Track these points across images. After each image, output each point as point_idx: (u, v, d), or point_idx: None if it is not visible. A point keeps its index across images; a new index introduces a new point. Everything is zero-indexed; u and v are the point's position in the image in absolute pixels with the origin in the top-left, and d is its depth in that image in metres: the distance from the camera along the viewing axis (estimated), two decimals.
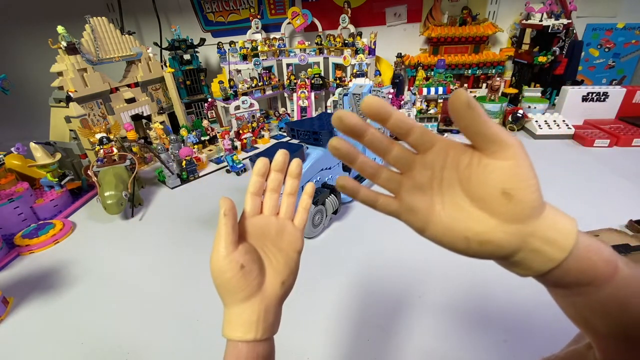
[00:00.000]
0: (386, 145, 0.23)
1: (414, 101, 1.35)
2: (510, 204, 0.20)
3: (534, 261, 0.21)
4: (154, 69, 1.30)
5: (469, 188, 0.21)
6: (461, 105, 0.20)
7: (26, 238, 0.80)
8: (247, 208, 0.31)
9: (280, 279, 0.29)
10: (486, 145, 0.20)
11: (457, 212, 0.22)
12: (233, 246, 0.27)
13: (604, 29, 1.43)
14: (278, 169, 0.31)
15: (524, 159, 0.20)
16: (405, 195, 0.24)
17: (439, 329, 0.52)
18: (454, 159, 0.22)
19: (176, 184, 1.04)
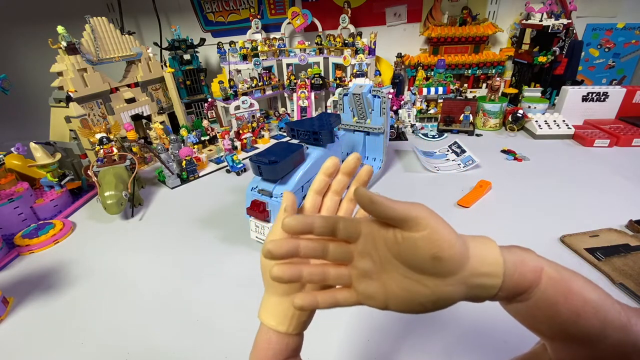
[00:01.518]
0: (321, 249, 0.26)
1: (414, 101, 1.35)
2: (442, 264, 0.22)
3: (481, 293, 0.24)
4: (154, 69, 1.30)
5: (404, 260, 0.23)
6: (365, 202, 0.23)
7: (26, 238, 0.80)
8: (307, 204, 0.31)
9: None
10: (401, 224, 0.23)
11: (406, 283, 0.24)
12: None
13: (604, 29, 1.43)
14: (346, 172, 0.31)
15: (436, 223, 0.22)
16: (358, 285, 0.26)
17: (439, 329, 0.52)
18: (380, 240, 0.24)
19: (176, 184, 1.04)
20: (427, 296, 0.24)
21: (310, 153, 0.74)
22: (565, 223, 0.71)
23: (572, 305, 0.23)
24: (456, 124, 1.27)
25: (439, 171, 1.00)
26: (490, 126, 1.27)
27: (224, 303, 0.60)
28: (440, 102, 1.29)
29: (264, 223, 0.70)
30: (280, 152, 0.68)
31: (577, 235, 0.68)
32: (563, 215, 0.75)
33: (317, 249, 0.25)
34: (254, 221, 0.71)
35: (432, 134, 1.26)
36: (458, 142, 1.08)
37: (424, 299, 0.24)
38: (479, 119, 1.28)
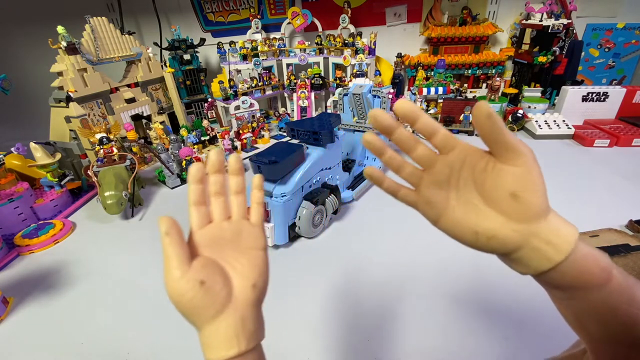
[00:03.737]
0: (412, 144, 0.26)
1: (414, 101, 1.35)
2: (518, 205, 0.22)
3: (533, 260, 0.23)
4: (154, 69, 1.30)
5: (482, 189, 0.24)
6: (481, 115, 0.22)
7: (26, 238, 0.80)
8: (193, 221, 0.28)
9: (249, 283, 0.26)
10: (501, 152, 0.22)
11: (469, 209, 0.24)
12: (186, 265, 0.24)
13: (604, 29, 1.43)
14: (215, 170, 0.28)
15: (534, 167, 0.22)
16: (424, 189, 0.26)
17: (439, 329, 0.52)
18: (471, 162, 0.24)
19: (176, 184, 1.04)
20: (485, 229, 0.23)
21: (310, 153, 0.74)
22: None
23: (633, 313, 0.22)
24: (456, 124, 1.27)
25: None
26: None
27: None
28: (440, 102, 1.29)
29: (264, 223, 0.70)
30: (280, 152, 0.68)
31: None
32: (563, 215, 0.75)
33: (410, 139, 0.26)
34: None
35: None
36: None
37: (481, 230, 0.24)
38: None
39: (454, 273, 0.63)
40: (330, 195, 0.77)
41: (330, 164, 0.79)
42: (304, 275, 0.66)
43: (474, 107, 0.23)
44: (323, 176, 0.78)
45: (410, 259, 0.67)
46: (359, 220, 0.82)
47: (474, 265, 0.64)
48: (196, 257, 0.26)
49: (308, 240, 0.75)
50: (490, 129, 0.22)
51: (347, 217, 0.83)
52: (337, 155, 0.82)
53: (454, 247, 0.72)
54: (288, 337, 0.53)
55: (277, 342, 0.53)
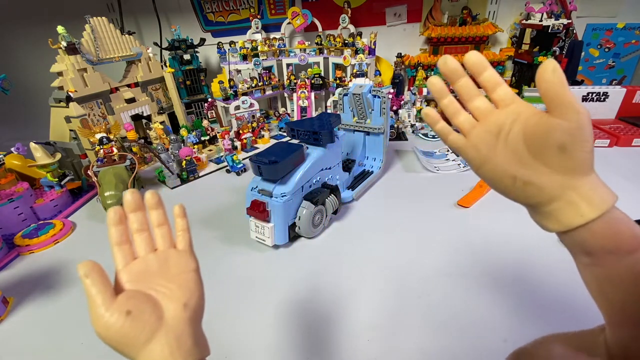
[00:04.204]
0: (474, 94, 0.29)
1: (414, 101, 1.35)
2: (563, 157, 0.23)
3: (566, 214, 0.24)
4: (154, 69, 1.30)
5: (531, 140, 0.25)
6: (547, 69, 0.23)
7: (26, 238, 0.80)
8: (117, 261, 0.29)
9: (180, 303, 0.27)
10: (558, 107, 0.23)
11: (513, 157, 0.26)
12: (110, 300, 0.25)
13: (604, 29, 1.43)
14: (132, 209, 0.30)
15: (586, 125, 0.23)
16: (475, 137, 0.28)
17: (439, 329, 0.52)
18: (525, 117, 0.26)
19: (176, 184, 1.04)
20: (524, 175, 0.25)
21: (310, 153, 0.74)
22: None
23: None
24: None
25: (439, 171, 1.00)
26: None
27: (223, 303, 0.60)
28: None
29: (264, 223, 0.70)
30: (280, 152, 0.68)
31: None
32: None
33: (473, 89, 0.29)
34: (254, 221, 0.71)
35: (432, 134, 1.25)
36: None
37: (520, 175, 0.25)
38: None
39: (454, 273, 0.63)
40: (330, 195, 0.77)
41: (330, 164, 0.79)
42: (303, 275, 0.66)
43: (542, 63, 0.24)
44: (323, 176, 0.78)
45: (410, 259, 0.67)
46: (359, 220, 0.82)
47: (475, 265, 0.64)
48: (121, 293, 0.27)
49: (308, 240, 0.75)
50: (554, 83, 0.23)
51: (347, 217, 0.83)
52: (337, 155, 0.82)
53: (453, 247, 0.72)
54: (288, 336, 0.53)
55: (277, 342, 0.53)
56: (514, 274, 0.61)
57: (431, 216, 0.80)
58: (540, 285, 0.58)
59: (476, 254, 0.67)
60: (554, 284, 0.58)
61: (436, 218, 0.79)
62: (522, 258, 0.65)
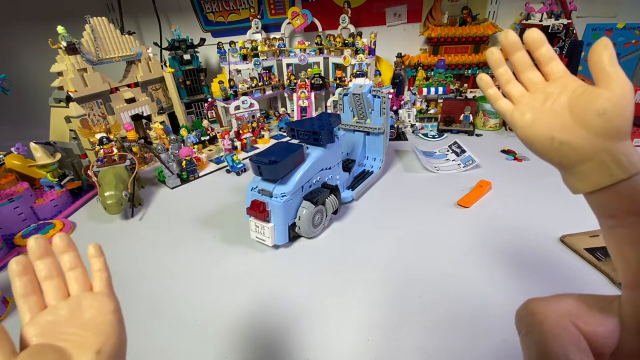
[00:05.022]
0: (527, 66, 0.31)
1: (414, 101, 1.35)
2: (602, 120, 0.25)
3: (596, 174, 0.26)
4: (154, 69, 1.30)
5: (574, 106, 0.27)
6: (600, 43, 0.25)
7: (26, 238, 0.80)
8: (22, 314, 0.27)
9: (92, 352, 0.25)
10: (605, 79, 0.25)
11: (555, 119, 0.28)
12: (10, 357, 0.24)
13: (604, 29, 1.43)
14: (37, 257, 0.28)
15: (629, 97, 0.25)
16: (523, 104, 0.31)
17: (439, 329, 0.52)
18: (572, 88, 0.28)
19: (176, 184, 1.04)
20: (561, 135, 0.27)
21: (310, 153, 0.74)
22: (565, 223, 0.71)
23: None
24: (456, 124, 1.27)
25: (439, 171, 1.00)
26: (490, 126, 1.27)
27: (224, 303, 0.60)
28: (440, 102, 1.29)
29: (264, 223, 0.70)
30: (280, 152, 0.68)
31: (577, 235, 0.68)
32: (563, 215, 0.75)
33: (526, 61, 0.31)
34: (254, 221, 0.71)
35: (432, 134, 1.25)
36: (458, 142, 1.08)
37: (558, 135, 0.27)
38: (479, 119, 1.28)
39: (454, 273, 0.63)
40: (330, 195, 0.77)
41: (330, 164, 0.79)
42: (303, 275, 0.66)
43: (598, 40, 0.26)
44: (323, 176, 0.78)
45: (410, 259, 0.67)
46: (359, 220, 0.82)
47: (475, 265, 0.64)
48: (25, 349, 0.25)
49: (308, 240, 0.75)
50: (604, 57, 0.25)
51: (347, 217, 0.83)
52: (337, 155, 0.82)
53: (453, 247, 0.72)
54: (288, 337, 0.53)
55: (277, 342, 0.53)
56: (514, 274, 0.61)
57: (431, 216, 0.80)
58: (540, 285, 0.58)
59: (476, 254, 0.67)
60: (554, 284, 0.58)
61: (436, 218, 0.79)
62: (522, 258, 0.65)
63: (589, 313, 0.28)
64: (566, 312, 0.29)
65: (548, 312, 0.29)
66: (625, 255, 0.27)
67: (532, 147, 0.30)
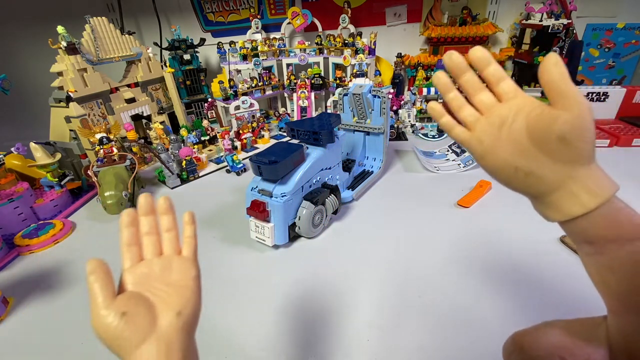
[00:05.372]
0: (477, 88, 0.29)
1: (414, 101, 1.35)
2: (564, 147, 0.23)
3: (567, 203, 0.24)
4: (154, 69, 1.30)
5: (533, 131, 0.25)
6: (550, 62, 0.24)
7: (26, 238, 0.80)
8: (124, 261, 0.31)
9: (173, 312, 0.27)
10: (560, 99, 0.24)
11: (515, 147, 0.26)
12: (110, 300, 0.26)
13: (604, 29, 1.43)
14: (144, 212, 0.32)
15: (587, 116, 0.23)
16: (479, 130, 0.29)
17: (439, 328, 0.52)
18: (528, 109, 0.26)
19: (176, 184, 1.04)
20: (525, 165, 0.25)
21: (310, 153, 0.74)
22: None
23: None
24: None
25: (439, 171, 1.00)
26: None
27: (224, 303, 0.60)
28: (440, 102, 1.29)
29: (264, 223, 0.70)
30: (280, 152, 0.68)
31: None
32: None
33: (477, 83, 0.29)
34: (254, 221, 0.71)
35: (432, 134, 1.25)
36: None
37: (521, 165, 0.26)
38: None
39: (454, 272, 0.63)
40: (330, 195, 0.77)
41: (330, 164, 0.79)
42: (303, 275, 0.66)
43: (546, 56, 0.24)
44: (323, 176, 0.78)
45: (410, 259, 0.67)
46: (359, 220, 0.82)
47: (475, 265, 0.64)
48: (122, 293, 0.28)
49: (308, 240, 0.75)
50: (555, 75, 0.24)
51: (347, 217, 0.83)
52: (337, 155, 0.82)
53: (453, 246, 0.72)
54: (288, 336, 0.53)
55: (278, 342, 0.53)
56: (514, 273, 0.61)
57: (431, 216, 0.80)
58: (540, 285, 0.58)
59: (476, 254, 0.67)
60: (554, 284, 0.58)
61: (436, 218, 0.79)
62: (522, 258, 0.65)
63: (577, 345, 0.28)
64: (555, 347, 0.29)
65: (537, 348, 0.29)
66: (606, 281, 0.25)
67: (496, 177, 0.28)
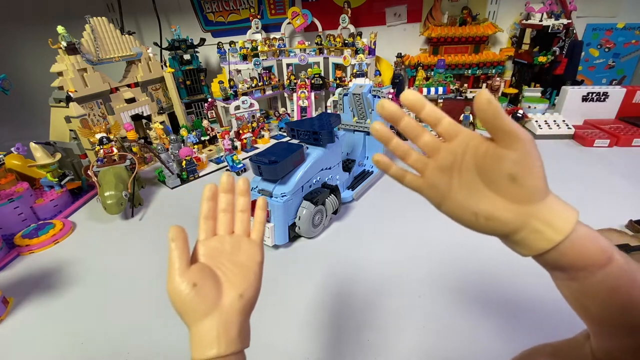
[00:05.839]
0: (419, 131, 0.27)
1: None
2: (516, 187, 0.23)
3: (534, 241, 0.24)
4: (154, 69, 1.30)
5: (483, 172, 0.24)
6: (482, 101, 0.23)
7: (26, 238, 0.80)
8: (200, 232, 0.32)
9: (237, 292, 0.29)
10: (501, 137, 0.23)
11: (470, 192, 0.25)
12: (185, 268, 0.28)
13: (604, 29, 1.43)
14: (225, 190, 0.33)
15: (532, 151, 0.23)
16: (429, 175, 0.27)
17: (439, 329, 0.52)
18: (473, 148, 0.25)
19: (176, 184, 1.04)
20: (484, 210, 0.24)
21: (310, 153, 0.74)
22: None
23: (632, 296, 0.22)
24: None
25: None
26: None
27: None
28: (440, 102, 1.29)
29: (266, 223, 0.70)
30: (280, 152, 0.68)
31: None
32: None
33: (416, 128, 0.27)
34: None
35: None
36: None
37: (480, 211, 0.25)
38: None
39: (454, 273, 0.63)
40: (330, 195, 0.77)
41: (330, 164, 0.79)
42: (303, 275, 0.66)
43: (477, 94, 0.23)
44: (323, 176, 0.78)
45: (410, 259, 0.67)
46: (359, 220, 0.82)
47: (475, 265, 0.64)
48: (195, 263, 0.29)
49: (308, 240, 0.75)
50: (491, 114, 0.23)
51: (347, 217, 0.83)
52: (337, 155, 0.82)
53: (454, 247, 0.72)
54: (288, 336, 0.53)
55: (277, 342, 0.53)
56: (514, 274, 0.61)
57: (431, 216, 0.79)
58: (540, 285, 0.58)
59: (476, 254, 0.67)
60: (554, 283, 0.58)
61: (436, 218, 0.79)
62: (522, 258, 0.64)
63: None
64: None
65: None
66: (583, 307, 0.25)
67: (459, 222, 0.27)
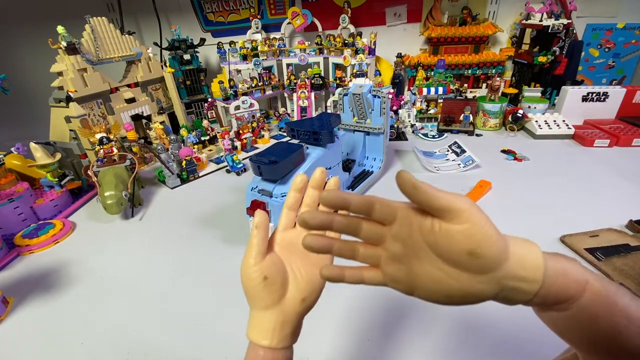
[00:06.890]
0: (355, 226, 0.26)
1: (414, 101, 1.35)
2: (478, 260, 0.22)
3: (515, 296, 0.23)
4: (154, 69, 1.30)
5: (438, 251, 0.23)
6: (408, 188, 0.22)
7: (26, 238, 0.80)
8: (281, 222, 0.32)
9: (301, 296, 0.30)
10: (441, 214, 0.22)
11: (436, 275, 0.23)
12: (261, 257, 0.29)
13: (604, 29, 1.43)
14: (315, 186, 0.32)
15: (478, 218, 0.22)
16: (386, 267, 0.26)
17: (439, 329, 0.52)
18: (417, 226, 0.24)
19: (176, 184, 1.04)
20: (456, 290, 0.23)
21: (310, 153, 0.74)
22: (565, 223, 0.71)
23: (614, 322, 0.22)
24: (456, 124, 1.27)
25: (439, 171, 1.00)
26: (490, 126, 1.27)
27: (224, 303, 0.60)
28: (440, 102, 1.29)
29: None
30: (280, 152, 0.68)
31: (577, 235, 0.68)
32: (563, 215, 0.75)
33: (350, 225, 0.25)
34: None
35: (432, 134, 1.25)
36: (458, 142, 1.08)
37: (453, 292, 0.23)
38: (479, 119, 1.28)
39: None
40: None
41: (330, 164, 0.79)
42: None
43: (397, 177, 0.23)
44: None
45: None
46: None
47: None
48: (270, 253, 0.30)
49: None
50: (422, 199, 0.22)
51: None
52: (337, 155, 0.82)
53: None
54: None
55: None
56: None
57: None
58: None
59: None
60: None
61: None
62: None
63: None
64: None
65: None
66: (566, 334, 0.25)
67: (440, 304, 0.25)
